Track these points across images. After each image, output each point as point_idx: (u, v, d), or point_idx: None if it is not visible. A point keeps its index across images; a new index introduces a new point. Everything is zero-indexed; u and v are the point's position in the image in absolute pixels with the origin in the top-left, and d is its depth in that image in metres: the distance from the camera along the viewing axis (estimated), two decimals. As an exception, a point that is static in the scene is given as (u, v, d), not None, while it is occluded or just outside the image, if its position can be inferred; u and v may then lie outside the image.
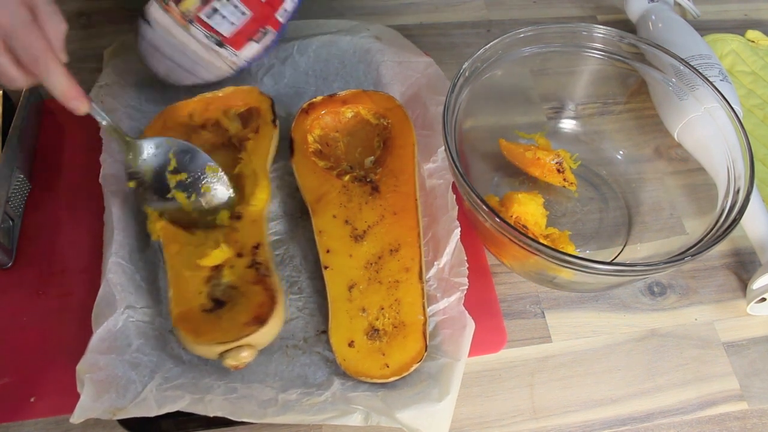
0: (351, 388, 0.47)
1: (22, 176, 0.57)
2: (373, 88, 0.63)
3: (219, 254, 0.50)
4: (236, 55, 0.60)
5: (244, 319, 0.47)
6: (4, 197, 0.54)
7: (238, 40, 0.60)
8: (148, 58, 0.60)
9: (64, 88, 0.47)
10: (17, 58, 0.45)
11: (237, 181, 0.55)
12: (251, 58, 0.62)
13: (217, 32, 0.59)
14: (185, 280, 0.49)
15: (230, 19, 0.59)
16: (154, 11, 0.58)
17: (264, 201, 0.54)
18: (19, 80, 0.46)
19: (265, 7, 0.60)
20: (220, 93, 0.60)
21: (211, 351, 0.46)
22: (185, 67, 0.60)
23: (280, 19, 0.62)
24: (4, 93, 0.60)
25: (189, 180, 0.54)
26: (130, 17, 0.73)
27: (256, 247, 0.51)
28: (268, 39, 0.62)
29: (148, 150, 0.54)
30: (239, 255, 0.50)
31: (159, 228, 0.52)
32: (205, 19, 0.58)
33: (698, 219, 0.54)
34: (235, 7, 0.59)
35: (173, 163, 0.54)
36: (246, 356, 0.45)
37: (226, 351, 0.45)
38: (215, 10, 0.58)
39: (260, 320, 0.46)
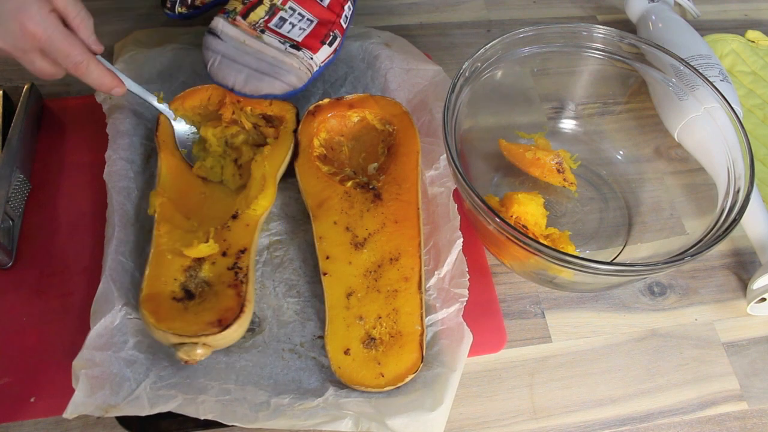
0: (344, 395, 0.47)
1: (22, 176, 0.57)
2: (380, 94, 0.63)
3: (205, 248, 0.49)
4: (312, 58, 0.60)
5: (208, 318, 0.46)
6: (4, 197, 0.54)
7: (312, 43, 0.59)
8: (224, 70, 0.58)
9: (102, 82, 0.52)
10: (55, 60, 0.49)
11: (244, 181, 0.56)
12: (324, 61, 0.61)
13: (290, 38, 0.58)
14: (165, 263, 0.49)
15: (299, 26, 0.59)
16: (223, 26, 0.57)
17: (264, 208, 0.53)
18: (58, 75, 0.51)
19: (329, 13, 0.61)
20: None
21: (167, 339, 0.45)
22: (266, 72, 0.58)
23: (343, 25, 0.62)
24: (5, 93, 0.60)
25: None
26: (131, 17, 0.73)
27: (243, 251, 0.50)
28: (337, 43, 0.62)
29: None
30: (224, 254, 0.50)
31: (158, 204, 0.52)
32: (276, 29, 0.58)
33: (698, 219, 0.54)
34: (301, 15, 0.59)
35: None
36: (199, 354, 0.45)
37: (181, 344, 0.45)
38: (283, 20, 0.58)
39: (222, 324, 0.46)
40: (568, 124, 0.66)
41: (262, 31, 0.57)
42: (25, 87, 0.61)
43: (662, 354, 0.54)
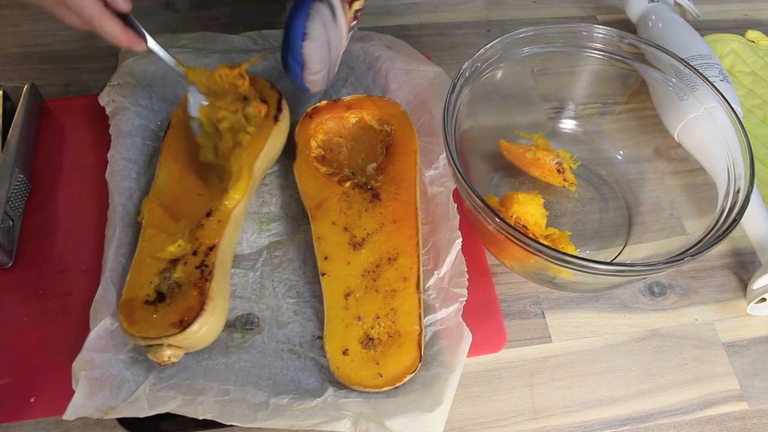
0: (343, 395, 0.46)
1: (22, 176, 0.57)
2: (380, 95, 0.63)
3: (173, 249, 0.49)
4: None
5: (172, 319, 0.46)
6: (4, 197, 0.54)
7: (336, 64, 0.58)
8: (318, 54, 0.53)
9: (119, 39, 0.51)
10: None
11: (223, 175, 0.55)
12: None
13: (343, 48, 0.56)
14: (145, 267, 0.49)
15: (347, 41, 0.57)
16: (338, 7, 0.53)
17: (236, 201, 0.52)
18: (87, 27, 0.50)
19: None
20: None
21: (135, 341, 0.46)
22: (327, 77, 0.56)
23: None
24: (5, 93, 0.60)
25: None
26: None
27: (211, 248, 0.50)
28: None
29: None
30: (194, 253, 0.50)
31: (147, 210, 0.52)
32: (349, 33, 0.55)
33: (698, 219, 0.54)
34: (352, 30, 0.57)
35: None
36: (169, 355, 0.45)
37: (149, 346, 0.45)
38: (351, 29, 0.55)
39: (183, 324, 0.45)
40: (568, 124, 0.66)
41: (348, 32, 0.55)
42: (25, 87, 0.61)
43: (662, 354, 0.54)
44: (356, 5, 0.55)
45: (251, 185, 0.54)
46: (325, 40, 0.53)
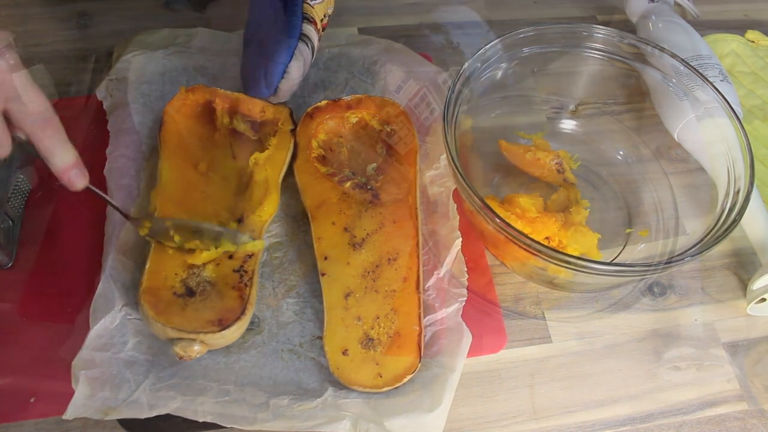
0: (343, 395, 0.47)
1: (22, 176, 0.57)
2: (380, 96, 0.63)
3: (208, 256, 0.50)
4: None
5: (209, 316, 0.47)
6: (4, 197, 0.54)
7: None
8: (292, 83, 0.57)
9: (68, 157, 0.45)
10: (16, 121, 0.42)
11: (247, 187, 0.55)
12: None
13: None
14: (167, 257, 0.50)
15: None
16: (315, 38, 0.56)
17: (270, 214, 0.54)
18: (5, 147, 0.43)
19: None
20: (237, 95, 0.59)
21: (165, 333, 0.46)
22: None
23: None
24: (4, 93, 0.60)
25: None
26: (131, 17, 0.73)
27: (250, 255, 0.51)
28: None
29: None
30: (230, 257, 0.51)
31: (159, 202, 0.52)
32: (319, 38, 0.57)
33: (698, 219, 0.54)
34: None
35: (177, 239, 0.50)
36: (196, 351, 0.45)
37: (179, 339, 0.46)
38: (321, 33, 0.57)
39: (223, 324, 0.46)
40: (568, 124, 0.66)
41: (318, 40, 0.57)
42: (25, 87, 0.60)
43: (662, 354, 0.54)
44: (325, 10, 0.57)
45: None
46: (301, 74, 0.57)
